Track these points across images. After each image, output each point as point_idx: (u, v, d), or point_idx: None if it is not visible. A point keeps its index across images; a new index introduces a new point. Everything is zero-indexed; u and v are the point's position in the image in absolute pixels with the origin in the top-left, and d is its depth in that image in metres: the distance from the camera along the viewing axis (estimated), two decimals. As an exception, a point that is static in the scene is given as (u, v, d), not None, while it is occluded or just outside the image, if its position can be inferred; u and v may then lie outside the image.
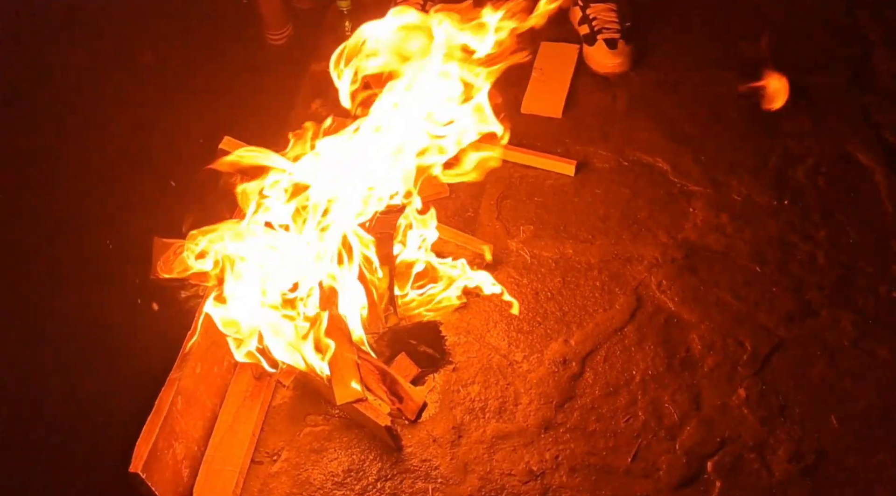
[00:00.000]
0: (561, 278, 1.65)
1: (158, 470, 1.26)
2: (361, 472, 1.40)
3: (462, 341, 1.56)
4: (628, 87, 2.03)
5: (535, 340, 1.56)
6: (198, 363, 1.38)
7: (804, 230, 1.70)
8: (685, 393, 1.47)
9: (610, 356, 1.53)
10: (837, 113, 1.92)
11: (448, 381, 1.51)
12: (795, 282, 1.62)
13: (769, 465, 1.38)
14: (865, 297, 1.58)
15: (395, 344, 1.54)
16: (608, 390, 1.48)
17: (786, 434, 1.41)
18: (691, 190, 1.79)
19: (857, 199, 1.75)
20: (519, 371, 1.52)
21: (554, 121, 1.97)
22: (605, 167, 1.85)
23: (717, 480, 1.36)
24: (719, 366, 1.50)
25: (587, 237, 1.72)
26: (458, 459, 1.41)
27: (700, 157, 1.86)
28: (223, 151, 1.56)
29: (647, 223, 1.74)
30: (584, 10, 2.10)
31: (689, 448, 1.40)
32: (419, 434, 1.44)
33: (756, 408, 1.44)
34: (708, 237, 1.71)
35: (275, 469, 1.41)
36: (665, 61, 2.08)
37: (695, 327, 1.56)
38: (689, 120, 1.94)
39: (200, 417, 1.41)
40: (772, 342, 1.53)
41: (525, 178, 1.85)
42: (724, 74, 2.02)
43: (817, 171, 1.81)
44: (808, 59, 2.05)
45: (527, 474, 1.38)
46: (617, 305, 1.60)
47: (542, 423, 1.44)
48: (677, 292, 1.61)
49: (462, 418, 1.46)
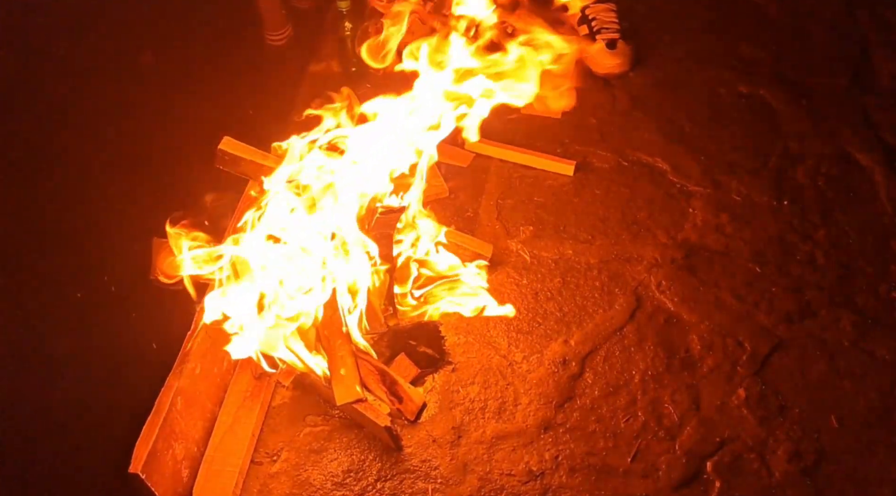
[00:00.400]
0: (560, 278, 1.66)
1: (158, 470, 1.26)
2: (361, 473, 1.40)
3: (462, 341, 1.56)
4: (628, 87, 2.03)
5: (535, 340, 1.56)
6: (197, 363, 1.38)
7: (804, 230, 1.70)
8: (685, 393, 1.47)
9: (609, 356, 1.53)
10: (837, 113, 1.92)
11: (447, 382, 1.51)
12: (795, 282, 1.62)
13: (769, 465, 1.38)
14: (865, 297, 1.58)
15: (395, 344, 1.54)
16: (608, 390, 1.48)
17: (785, 434, 1.41)
18: (691, 190, 1.79)
19: (856, 199, 1.76)
20: (518, 371, 1.52)
21: (553, 121, 1.97)
22: (605, 167, 1.86)
23: (717, 480, 1.36)
24: (719, 367, 1.50)
25: (587, 237, 1.72)
26: (457, 459, 1.41)
27: (700, 157, 1.86)
28: (223, 152, 1.56)
29: (646, 223, 1.74)
30: (584, 10, 2.10)
31: (689, 448, 1.40)
32: (419, 434, 1.44)
33: (755, 408, 1.44)
34: (707, 237, 1.71)
35: (274, 469, 1.41)
36: (665, 62, 2.09)
37: (694, 327, 1.56)
38: (688, 120, 1.94)
39: (200, 418, 1.41)
40: (771, 342, 1.53)
41: (524, 178, 1.85)
42: (724, 75, 2.02)
43: (817, 171, 1.81)
44: (808, 60, 2.05)
45: (526, 474, 1.38)
46: (616, 305, 1.60)
47: (542, 424, 1.44)
48: (677, 292, 1.62)
49: (462, 418, 1.46)
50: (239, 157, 1.56)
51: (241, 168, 1.57)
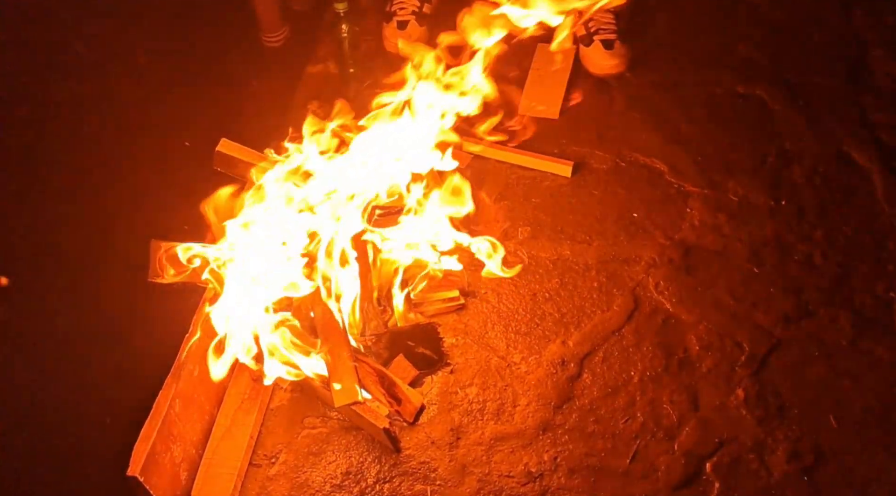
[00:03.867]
0: (558, 279, 1.65)
1: (156, 473, 1.26)
2: (360, 475, 1.40)
3: (460, 343, 1.56)
4: (625, 87, 2.03)
5: (533, 342, 1.56)
6: (196, 365, 1.38)
7: (801, 230, 1.70)
8: (683, 393, 1.47)
9: (608, 357, 1.53)
10: (834, 113, 1.93)
11: (446, 383, 1.51)
12: (793, 282, 1.62)
13: (768, 466, 1.38)
14: (863, 297, 1.59)
15: (394, 346, 1.54)
16: (606, 391, 1.48)
17: (784, 434, 1.41)
18: (688, 190, 1.79)
19: (853, 199, 1.76)
20: (517, 372, 1.52)
21: (551, 122, 1.96)
22: (602, 168, 1.86)
23: (716, 481, 1.36)
24: (717, 367, 1.50)
25: (584, 238, 1.72)
26: (456, 461, 1.41)
27: (697, 157, 1.86)
28: (220, 153, 1.56)
29: (644, 224, 1.74)
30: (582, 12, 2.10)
31: (688, 449, 1.40)
32: (417, 436, 1.44)
33: (754, 408, 1.44)
34: (705, 237, 1.71)
35: (273, 472, 1.41)
36: (662, 62, 2.08)
37: (692, 328, 1.56)
38: (686, 120, 1.94)
39: (198, 420, 1.41)
40: (769, 342, 1.53)
41: (522, 179, 1.85)
42: (721, 75, 2.02)
43: (814, 171, 1.81)
44: (804, 60, 2.06)
45: (525, 476, 1.38)
46: (615, 306, 1.60)
47: (541, 425, 1.44)
48: (675, 293, 1.62)
49: (460, 420, 1.46)
50: (236, 158, 1.56)
51: (238, 170, 1.57)
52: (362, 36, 2.09)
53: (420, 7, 2.10)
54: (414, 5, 2.09)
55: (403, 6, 2.10)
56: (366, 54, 2.10)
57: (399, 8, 2.10)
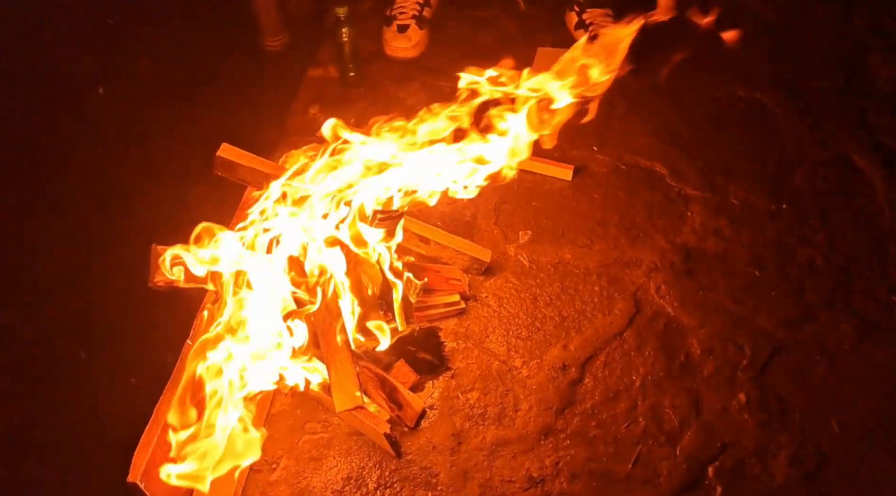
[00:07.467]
0: (560, 283, 1.65)
1: (157, 479, 1.25)
2: (361, 480, 1.40)
3: (461, 347, 1.56)
4: (625, 91, 2.03)
5: (535, 346, 1.56)
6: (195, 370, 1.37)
7: (802, 234, 1.70)
8: (685, 398, 1.47)
9: (609, 361, 1.53)
10: (834, 117, 1.93)
11: (447, 388, 1.51)
12: (794, 285, 1.62)
13: (770, 470, 1.37)
14: (864, 301, 1.58)
15: (394, 350, 1.53)
16: (608, 396, 1.48)
17: (786, 438, 1.41)
18: (689, 194, 1.79)
19: (854, 202, 1.76)
20: (518, 377, 1.51)
21: (551, 125, 1.96)
22: (603, 171, 1.85)
23: (718, 485, 1.36)
24: (719, 371, 1.50)
25: (585, 242, 1.72)
26: (457, 466, 1.40)
27: (698, 161, 1.86)
28: (221, 158, 1.56)
29: (645, 227, 1.74)
30: (581, 14, 2.10)
31: (690, 453, 1.40)
32: (419, 441, 1.44)
33: (756, 412, 1.44)
34: (706, 241, 1.71)
35: (274, 477, 1.41)
36: (662, 65, 2.08)
37: (694, 332, 1.56)
38: (686, 124, 1.94)
39: (199, 425, 1.40)
40: (771, 346, 1.53)
41: (523, 182, 1.84)
42: (722, 78, 2.02)
43: (815, 174, 1.81)
44: (805, 64, 2.06)
45: (527, 481, 1.38)
46: (616, 310, 1.60)
47: (542, 430, 1.44)
48: (676, 297, 1.61)
49: (461, 425, 1.45)
50: (237, 163, 1.56)
51: (239, 174, 1.57)
52: (363, 40, 2.09)
53: (420, 11, 2.10)
54: (414, 9, 2.10)
55: (404, 10, 2.10)
56: (366, 58, 2.11)
57: (399, 12, 2.10)
